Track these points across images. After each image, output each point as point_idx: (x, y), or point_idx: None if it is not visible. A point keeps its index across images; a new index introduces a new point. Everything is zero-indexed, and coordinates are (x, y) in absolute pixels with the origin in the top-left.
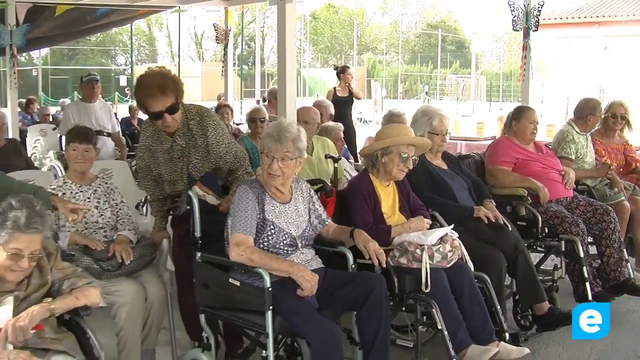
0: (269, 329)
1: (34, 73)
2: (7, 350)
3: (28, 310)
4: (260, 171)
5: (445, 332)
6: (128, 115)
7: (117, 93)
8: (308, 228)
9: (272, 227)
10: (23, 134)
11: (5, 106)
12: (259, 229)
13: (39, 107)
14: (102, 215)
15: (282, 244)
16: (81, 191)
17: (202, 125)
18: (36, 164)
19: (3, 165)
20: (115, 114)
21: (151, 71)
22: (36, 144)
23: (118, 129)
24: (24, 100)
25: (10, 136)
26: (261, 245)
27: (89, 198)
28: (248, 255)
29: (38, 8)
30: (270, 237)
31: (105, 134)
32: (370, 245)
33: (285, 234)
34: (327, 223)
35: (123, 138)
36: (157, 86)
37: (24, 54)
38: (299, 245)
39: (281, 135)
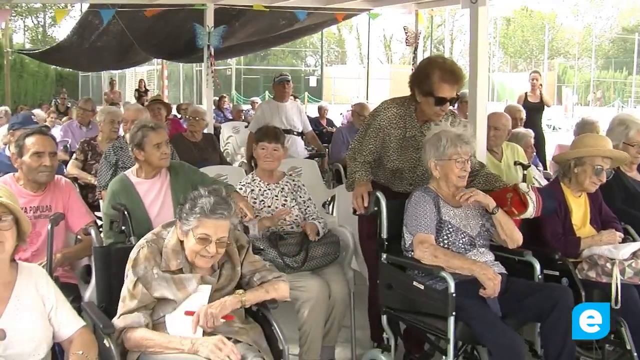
0: (450, 335)
1: (228, 73)
2: (202, 337)
3: (221, 300)
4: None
5: (635, 354)
6: (317, 115)
7: (306, 93)
8: (483, 229)
9: (449, 227)
10: (216, 130)
11: (201, 103)
12: (437, 230)
13: (230, 104)
14: (289, 213)
15: (460, 242)
16: (269, 189)
17: (452, 121)
18: (228, 159)
19: (200, 158)
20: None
21: (450, 60)
22: (229, 140)
23: (310, 128)
24: (216, 98)
25: (206, 131)
26: (441, 245)
27: (276, 196)
28: (432, 252)
29: (234, 13)
30: (449, 236)
31: (295, 133)
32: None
33: (462, 232)
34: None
35: None
36: (456, 76)
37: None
38: (477, 244)
39: (463, 138)
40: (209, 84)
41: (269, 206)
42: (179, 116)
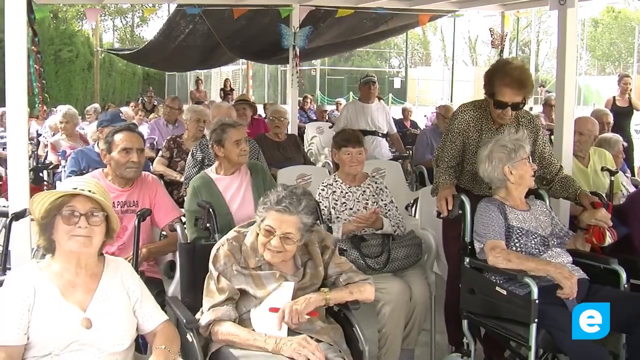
0: (532, 342)
1: (313, 73)
2: (286, 337)
3: (306, 296)
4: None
5: None
6: (401, 116)
7: (390, 95)
8: (556, 229)
9: (518, 231)
10: (301, 130)
11: (286, 103)
12: (507, 236)
13: (315, 105)
14: (375, 216)
15: (532, 243)
16: (350, 191)
17: (533, 125)
18: (312, 159)
19: (284, 158)
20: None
21: (517, 64)
22: (313, 140)
23: (395, 129)
24: (300, 99)
25: (289, 132)
26: (513, 249)
27: (357, 198)
28: (504, 257)
29: (320, 14)
30: (519, 239)
31: (380, 134)
32: None
33: (533, 234)
34: (570, 235)
35: None
36: (519, 81)
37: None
38: (550, 244)
39: (521, 140)
40: (293, 84)
41: (351, 208)
42: (263, 116)
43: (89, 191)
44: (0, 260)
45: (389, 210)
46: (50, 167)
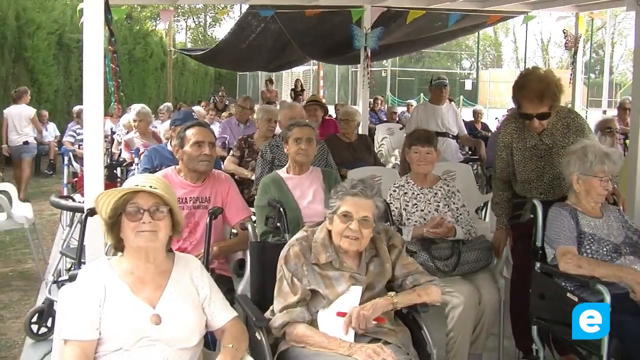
0: (604, 352)
1: (383, 74)
2: (361, 343)
3: (373, 301)
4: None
5: None
6: (472, 119)
7: (461, 97)
8: (628, 236)
9: (590, 237)
10: (371, 131)
11: (356, 104)
12: (578, 242)
13: (385, 106)
14: (441, 218)
15: (604, 250)
16: (422, 193)
17: (577, 128)
18: (382, 160)
19: (354, 159)
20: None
21: (535, 75)
22: (383, 141)
23: (465, 131)
24: (371, 100)
25: (360, 132)
26: (584, 256)
27: (429, 200)
28: (575, 262)
29: (391, 15)
30: (590, 246)
31: (450, 136)
32: None
33: (605, 241)
34: None
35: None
36: (536, 93)
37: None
38: (623, 252)
39: (611, 157)
40: (364, 85)
41: (422, 210)
42: (334, 116)
43: (151, 187)
44: (76, 254)
45: (460, 214)
46: (124, 164)
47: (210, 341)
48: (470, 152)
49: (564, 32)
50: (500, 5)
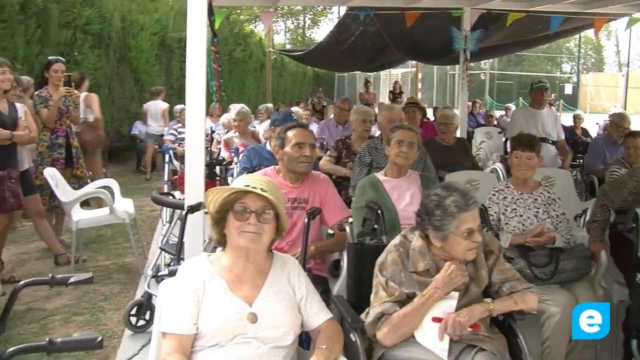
0: None
1: (482, 77)
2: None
3: (470, 308)
4: None
5: None
6: (572, 124)
7: (561, 101)
8: None
9: None
10: (469, 135)
11: (456, 107)
12: None
13: (483, 109)
14: (542, 228)
15: None
16: (522, 198)
17: None
18: (480, 164)
19: (451, 162)
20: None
21: None
22: (481, 145)
23: (563, 136)
24: (469, 103)
25: (458, 135)
26: None
27: (528, 206)
28: None
29: (491, 17)
30: None
31: (550, 141)
32: None
33: None
34: None
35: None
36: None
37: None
38: None
39: None
40: (463, 88)
41: (521, 215)
42: (432, 119)
43: (262, 189)
44: (176, 250)
45: (560, 222)
46: (224, 163)
47: (304, 341)
48: None
49: None
50: (602, 7)
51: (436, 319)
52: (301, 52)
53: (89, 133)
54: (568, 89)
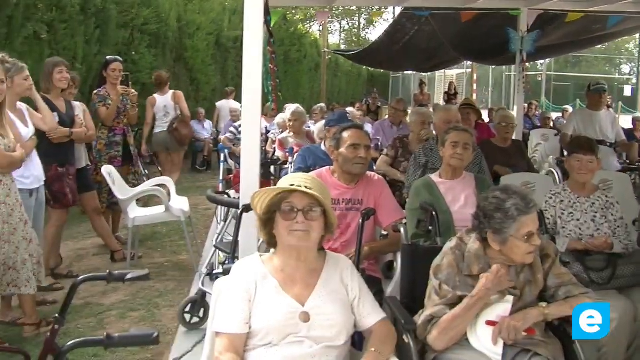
0: None
1: (539, 79)
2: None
3: (524, 312)
4: None
5: None
6: (631, 127)
7: (620, 103)
8: None
9: None
10: (525, 137)
11: (511, 109)
12: None
13: (539, 111)
14: (597, 229)
15: None
16: (579, 202)
17: None
18: (535, 167)
19: (508, 164)
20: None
21: None
22: (537, 147)
23: (623, 136)
24: (525, 104)
25: (514, 137)
26: None
27: (585, 210)
28: None
29: (549, 17)
30: None
31: (607, 144)
32: None
33: None
34: None
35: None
36: None
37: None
38: None
39: None
40: (519, 89)
41: (578, 219)
42: (487, 121)
43: (306, 187)
44: (231, 248)
45: (618, 226)
46: (279, 162)
47: (357, 341)
48: (627, 162)
49: None
50: None
51: (490, 323)
52: (356, 52)
53: (184, 127)
54: (627, 91)
